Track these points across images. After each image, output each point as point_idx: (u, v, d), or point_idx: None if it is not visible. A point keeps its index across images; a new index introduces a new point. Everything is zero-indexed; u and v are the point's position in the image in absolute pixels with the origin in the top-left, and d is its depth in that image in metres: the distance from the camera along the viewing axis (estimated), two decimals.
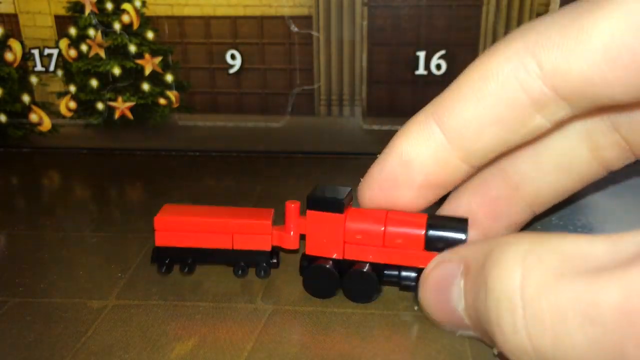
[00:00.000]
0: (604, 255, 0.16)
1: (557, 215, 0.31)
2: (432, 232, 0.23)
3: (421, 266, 0.23)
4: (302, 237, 0.25)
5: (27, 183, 0.38)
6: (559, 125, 0.22)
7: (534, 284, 0.17)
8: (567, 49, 0.19)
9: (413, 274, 0.24)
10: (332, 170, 0.38)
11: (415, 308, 0.23)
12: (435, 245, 0.23)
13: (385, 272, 0.24)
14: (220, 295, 0.25)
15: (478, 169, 0.24)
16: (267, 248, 0.25)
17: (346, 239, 0.24)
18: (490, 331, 0.18)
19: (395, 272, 0.24)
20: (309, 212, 0.24)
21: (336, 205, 0.24)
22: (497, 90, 0.21)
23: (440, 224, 0.23)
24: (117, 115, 0.40)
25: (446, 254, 0.22)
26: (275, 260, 0.26)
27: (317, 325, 0.23)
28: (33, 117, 0.41)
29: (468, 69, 0.22)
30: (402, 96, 0.38)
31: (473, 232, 0.24)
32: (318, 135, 0.39)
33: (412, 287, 0.24)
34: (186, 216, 0.26)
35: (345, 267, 0.24)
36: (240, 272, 0.26)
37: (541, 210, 0.26)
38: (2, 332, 0.23)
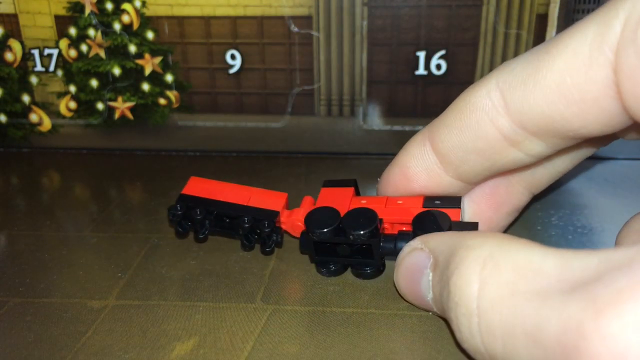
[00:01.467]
0: (553, 273, 0.16)
1: (557, 215, 0.31)
2: (429, 198, 0.25)
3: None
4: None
5: (27, 183, 0.38)
6: (541, 159, 0.23)
7: (489, 297, 0.18)
8: (528, 88, 0.20)
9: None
10: (332, 170, 0.38)
11: (430, 313, 0.23)
12: (431, 204, 0.25)
13: (382, 244, 0.25)
14: (220, 295, 0.25)
15: (474, 184, 0.25)
16: (278, 208, 0.27)
17: (351, 204, 0.26)
18: (451, 325, 0.19)
19: (391, 245, 0.24)
20: (322, 189, 0.28)
21: (348, 182, 0.28)
22: (474, 124, 0.22)
23: (435, 196, 0.26)
24: (117, 115, 0.40)
25: (417, 242, 0.23)
26: (279, 239, 0.27)
27: (317, 325, 0.23)
28: (33, 117, 0.41)
29: (458, 97, 0.23)
30: (402, 96, 0.38)
31: (477, 221, 0.25)
32: (318, 135, 0.39)
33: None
34: (215, 182, 0.29)
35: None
36: (247, 244, 0.27)
37: (540, 190, 0.27)
38: (2, 332, 0.23)
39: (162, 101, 0.39)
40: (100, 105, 0.40)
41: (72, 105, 0.40)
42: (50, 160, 0.41)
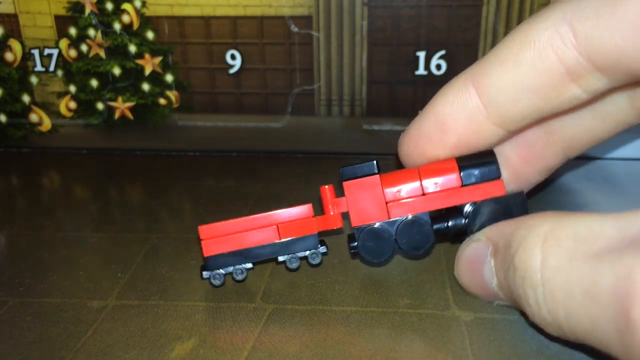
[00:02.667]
0: (612, 234, 0.17)
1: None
2: (465, 169, 0.24)
3: (464, 202, 0.24)
4: (345, 216, 0.25)
5: (27, 183, 0.38)
6: (598, 97, 0.23)
7: (551, 266, 0.18)
8: (601, 20, 0.19)
9: (460, 221, 0.24)
10: (332, 170, 0.38)
11: (495, 304, 0.24)
12: (470, 180, 0.24)
13: (434, 226, 0.25)
14: (220, 295, 0.25)
15: (513, 134, 0.24)
16: (314, 231, 0.25)
17: (387, 198, 0.25)
18: (519, 304, 0.20)
19: (444, 224, 0.25)
20: (345, 183, 0.25)
21: (369, 168, 0.25)
22: (534, 58, 0.21)
23: (469, 159, 0.24)
24: (117, 115, 0.40)
25: (475, 235, 0.23)
26: (324, 249, 0.26)
27: (317, 325, 0.23)
28: (33, 117, 0.41)
29: (508, 35, 0.22)
30: (402, 96, 0.38)
31: (505, 172, 0.25)
32: (318, 135, 0.39)
33: (463, 233, 0.25)
34: (228, 222, 0.25)
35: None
36: (294, 267, 0.26)
37: (575, 155, 0.27)
38: (2, 332, 0.23)
39: (162, 101, 0.39)
40: (100, 105, 0.40)
41: (72, 105, 0.40)
42: (50, 160, 0.41)
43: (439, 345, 0.22)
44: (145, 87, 0.39)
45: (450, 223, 0.25)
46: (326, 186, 0.26)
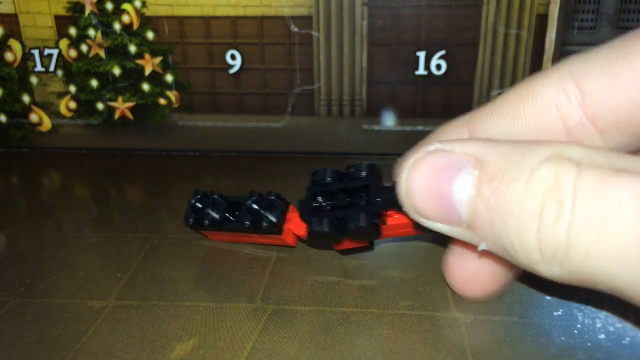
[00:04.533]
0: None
1: None
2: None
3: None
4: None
5: (27, 183, 0.38)
6: None
7: (590, 180, 0.17)
8: (610, 78, 0.19)
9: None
10: None
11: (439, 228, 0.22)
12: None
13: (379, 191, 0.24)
14: (220, 295, 0.25)
15: None
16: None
17: None
18: (507, 223, 0.18)
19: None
20: None
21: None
22: (534, 113, 0.21)
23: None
24: (117, 115, 0.40)
25: (439, 145, 0.20)
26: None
27: (317, 325, 0.23)
28: (33, 117, 0.41)
29: (510, 89, 0.22)
30: (402, 96, 0.38)
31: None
32: (318, 135, 0.39)
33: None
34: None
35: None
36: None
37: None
38: (2, 332, 0.23)
39: (162, 101, 0.39)
40: (100, 105, 0.40)
41: (72, 105, 0.40)
42: (50, 160, 0.41)
43: (439, 347, 0.22)
44: (145, 87, 0.39)
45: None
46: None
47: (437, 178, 0.20)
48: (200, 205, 0.28)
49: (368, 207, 0.23)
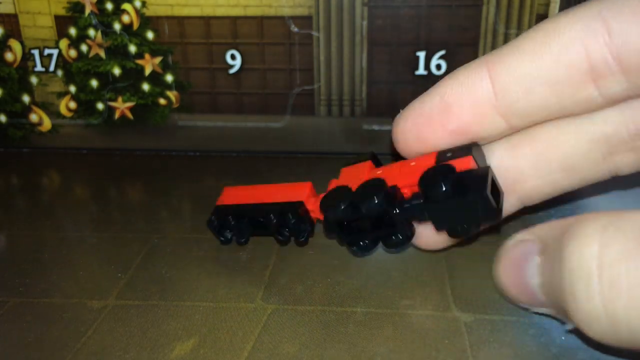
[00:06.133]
0: None
1: (557, 215, 0.31)
2: (441, 152, 0.24)
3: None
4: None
5: (27, 183, 0.38)
6: (608, 103, 0.22)
7: (613, 252, 0.17)
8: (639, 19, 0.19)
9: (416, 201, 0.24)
10: (332, 171, 0.38)
11: (531, 309, 0.23)
12: (443, 157, 0.23)
13: (398, 210, 0.24)
14: (220, 295, 0.25)
15: (512, 130, 0.23)
16: (301, 198, 0.27)
17: (368, 177, 0.25)
18: (563, 302, 0.19)
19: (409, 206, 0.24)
20: (342, 170, 0.28)
21: (366, 157, 0.27)
22: (559, 50, 0.21)
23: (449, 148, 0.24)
24: (117, 115, 0.40)
25: (524, 234, 0.22)
26: (311, 229, 0.27)
27: (317, 325, 0.23)
28: (33, 118, 0.41)
29: (533, 28, 0.22)
30: (402, 96, 0.38)
31: None
32: (318, 135, 0.39)
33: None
34: (245, 187, 0.30)
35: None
36: (282, 239, 0.27)
37: (531, 204, 0.26)
38: (2, 332, 0.23)
39: (162, 101, 0.39)
40: (100, 105, 0.40)
41: (72, 105, 0.40)
42: (50, 160, 0.41)
43: (439, 347, 0.22)
44: (145, 87, 0.39)
45: (414, 202, 0.24)
46: (336, 181, 0.27)
47: (514, 271, 0.22)
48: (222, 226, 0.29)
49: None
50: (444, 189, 0.22)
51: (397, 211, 0.24)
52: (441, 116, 0.23)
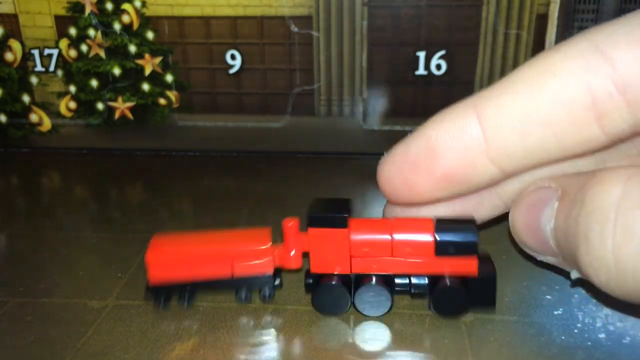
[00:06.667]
0: None
1: None
2: (441, 238, 0.22)
3: (433, 273, 0.23)
4: (305, 255, 0.24)
5: (27, 183, 0.38)
6: (612, 141, 0.21)
7: (633, 199, 0.17)
8: None
9: (424, 282, 0.23)
10: (332, 170, 0.38)
11: (538, 257, 0.22)
12: (446, 250, 0.22)
13: (395, 280, 0.23)
14: (220, 296, 0.25)
15: (505, 176, 0.22)
16: (270, 271, 0.24)
17: (352, 253, 0.23)
18: (575, 246, 0.18)
19: (406, 281, 0.23)
20: (310, 229, 0.23)
21: (339, 221, 0.23)
22: (557, 88, 0.20)
23: (448, 228, 0.23)
24: (117, 115, 0.40)
25: (545, 181, 0.21)
26: (278, 283, 0.25)
27: (317, 325, 0.23)
28: (33, 118, 0.41)
29: (522, 66, 0.21)
30: (402, 96, 0.38)
31: None
32: (318, 135, 0.39)
33: (423, 295, 0.23)
34: (180, 246, 0.24)
35: (353, 281, 0.24)
36: (244, 297, 0.24)
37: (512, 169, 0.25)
38: (2, 332, 0.23)
39: (162, 101, 0.39)
40: (100, 105, 0.40)
41: (72, 105, 0.40)
42: (50, 160, 0.41)
43: (439, 346, 0.22)
44: (145, 87, 0.39)
45: (413, 281, 0.23)
46: (290, 222, 0.23)
47: (530, 213, 0.21)
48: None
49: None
50: (455, 310, 0.23)
51: (393, 287, 0.23)
52: (427, 162, 0.22)
